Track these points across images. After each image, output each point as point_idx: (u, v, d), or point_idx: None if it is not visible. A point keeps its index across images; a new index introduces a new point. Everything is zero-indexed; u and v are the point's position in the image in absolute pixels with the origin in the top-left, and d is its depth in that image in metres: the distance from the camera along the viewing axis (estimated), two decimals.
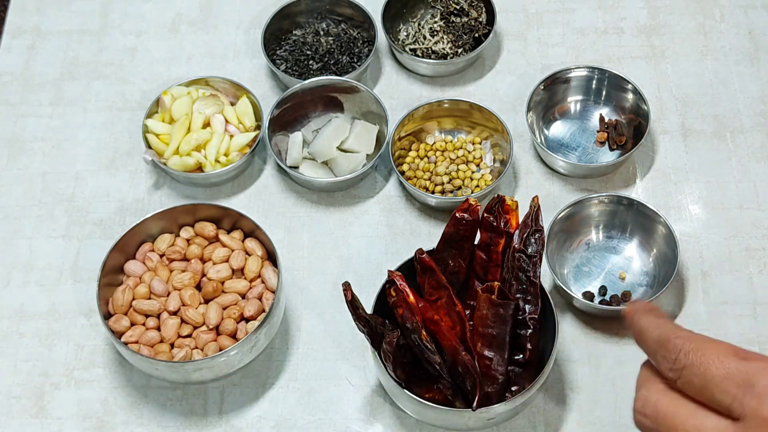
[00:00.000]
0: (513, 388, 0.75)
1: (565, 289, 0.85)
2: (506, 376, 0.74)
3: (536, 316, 0.74)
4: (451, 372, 0.73)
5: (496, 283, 0.72)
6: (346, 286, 0.71)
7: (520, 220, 0.75)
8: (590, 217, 0.91)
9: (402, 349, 0.73)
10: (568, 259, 0.90)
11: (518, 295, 0.74)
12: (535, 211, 0.73)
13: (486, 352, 0.73)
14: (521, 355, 0.75)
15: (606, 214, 0.91)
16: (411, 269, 0.77)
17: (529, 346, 0.75)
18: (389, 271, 0.74)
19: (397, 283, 0.72)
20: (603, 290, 0.88)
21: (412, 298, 0.72)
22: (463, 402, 0.74)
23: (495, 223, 0.74)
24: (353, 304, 0.71)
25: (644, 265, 0.89)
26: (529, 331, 0.74)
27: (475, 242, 0.77)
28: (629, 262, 0.90)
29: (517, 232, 0.74)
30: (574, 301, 0.86)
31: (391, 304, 0.73)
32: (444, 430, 0.83)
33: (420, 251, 0.75)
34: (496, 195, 0.75)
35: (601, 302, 0.88)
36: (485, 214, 0.75)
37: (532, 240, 0.73)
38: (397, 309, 0.72)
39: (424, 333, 0.71)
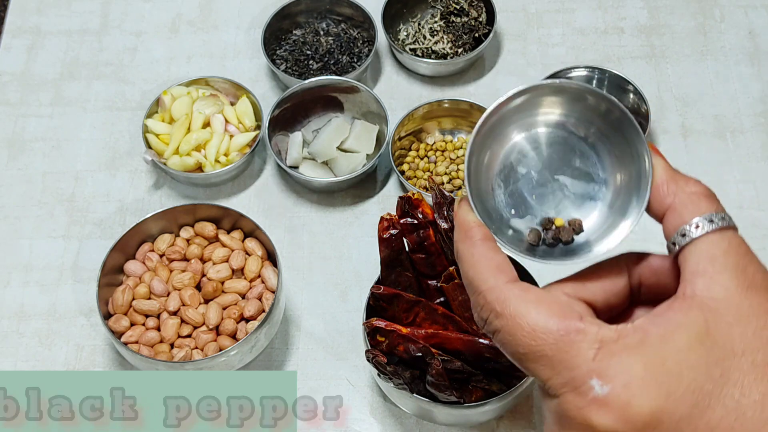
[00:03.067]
0: None
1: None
2: None
3: None
4: (476, 365, 0.73)
5: (451, 268, 0.73)
6: (375, 353, 0.71)
7: (431, 206, 0.75)
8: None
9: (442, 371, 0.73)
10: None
11: None
12: (437, 191, 0.74)
13: None
14: None
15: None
16: (373, 310, 0.77)
17: None
18: (365, 323, 0.73)
19: (382, 326, 0.72)
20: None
21: (404, 329, 0.72)
22: (502, 384, 0.74)
23: (415, 221, 0.75)
24: (383, 366, 0.71)
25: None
26: None
27: (407, 249, 0.77)
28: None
29: (436, 215, 0.74)
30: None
31: (386, 350, 0.73)
32: (445, 429, 0.83)
33: (375, 287, 0.75)
34: (399, 198, 0.75)
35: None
36: (402, 221, 0.75)
37: (452, 213, 0.74)
38: (396, 348, 0.72)
39: (434, 350, 0.71)
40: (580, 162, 0.54)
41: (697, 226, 0.45)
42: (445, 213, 0.74)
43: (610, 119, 0.53)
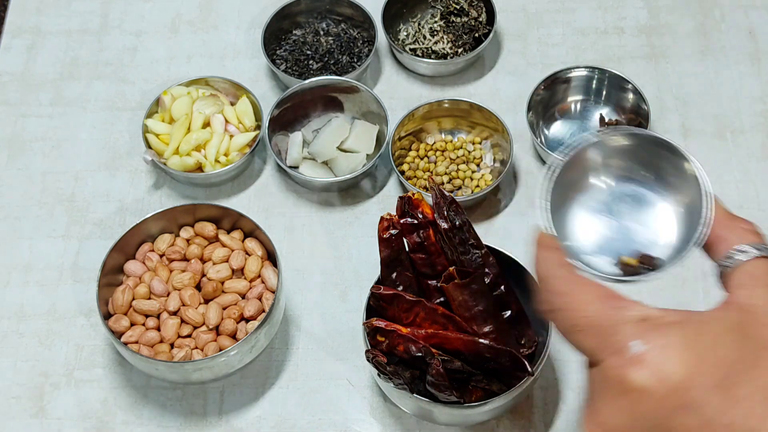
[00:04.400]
0: (522, 341, 0.76)
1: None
2: (513, 334, 0.76)
3: (497, 271, 0.75)
4: (476, 365, 0.73)
5: (451, 268, 0.73)
6: (374, 353, 0.71)
7: (431, 206, 0.76)
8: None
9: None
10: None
11: (474, 265, 0.75)
12: (437, 191, 0.74)
13: (486, 328, 0.74)
14: (509, 312, 0.76)
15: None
16: (373, 310, 0.77)
17: (508, 299, 0.76)
18: (365, 323, 0.73)
19: (382, 326, 0.72)
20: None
21: (404, 329, 0.72)
22: (502, 384, 0.74)
23: (415, 221, 0.75)
24: (383, 366, 0.71)
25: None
26: (501, 288, 0.75)
27: (407, 249, 0.77)
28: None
29: (436, 216, 0.75)
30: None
31: (386, 350, 0.73)
32: (445, 429, 0.83)
33: (375, 287, 0.75)
34: (399, 198, 0.75)
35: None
36: (402, 221, 0.76)
37: (453, 213, 0.74)
38: (396, 348, 0.72)
39: (434, 350, 0.71)
40: (644, 209, 0.62)
41: (744, 252, 0.54)
42: (445, 213, 0.74)
43: (673, 165, 0.62)
